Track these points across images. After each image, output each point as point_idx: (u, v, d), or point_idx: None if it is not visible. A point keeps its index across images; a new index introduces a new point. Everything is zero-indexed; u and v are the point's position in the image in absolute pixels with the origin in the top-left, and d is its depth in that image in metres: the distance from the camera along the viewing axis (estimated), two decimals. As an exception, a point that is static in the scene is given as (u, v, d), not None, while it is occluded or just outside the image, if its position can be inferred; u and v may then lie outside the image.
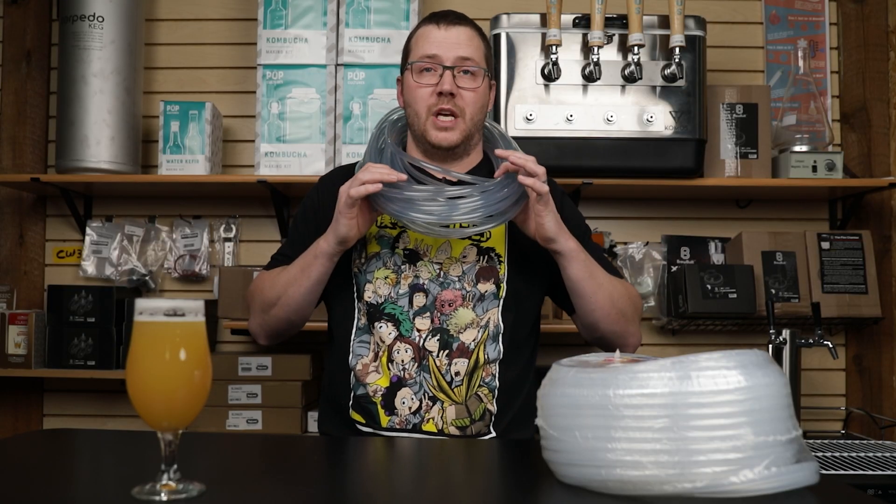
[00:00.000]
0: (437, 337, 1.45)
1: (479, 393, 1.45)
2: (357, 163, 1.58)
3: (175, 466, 0.88)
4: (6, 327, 2.44)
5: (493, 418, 1.46)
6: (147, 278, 2.63)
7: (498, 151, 1.43)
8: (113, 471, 1.08)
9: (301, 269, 1.47)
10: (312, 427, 2.38)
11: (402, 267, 1.49)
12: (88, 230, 2.63)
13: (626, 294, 1.53)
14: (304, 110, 2.42)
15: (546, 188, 1.37)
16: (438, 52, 1.49)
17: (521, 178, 1.36)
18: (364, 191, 1.36)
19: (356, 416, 1.47)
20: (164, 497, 0.85)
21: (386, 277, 1.49)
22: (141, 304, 0.89)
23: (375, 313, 1.48)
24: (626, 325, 1.51)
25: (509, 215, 1.43)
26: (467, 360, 1.45)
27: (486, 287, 1.48)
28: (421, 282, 1.48)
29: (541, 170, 1.38)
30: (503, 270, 1.50)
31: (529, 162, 1.37)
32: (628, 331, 1.52)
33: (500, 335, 1.48)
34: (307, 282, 1.46)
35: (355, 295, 1.52)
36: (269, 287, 1.52)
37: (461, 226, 1.44)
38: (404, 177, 1.38)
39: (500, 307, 1.49)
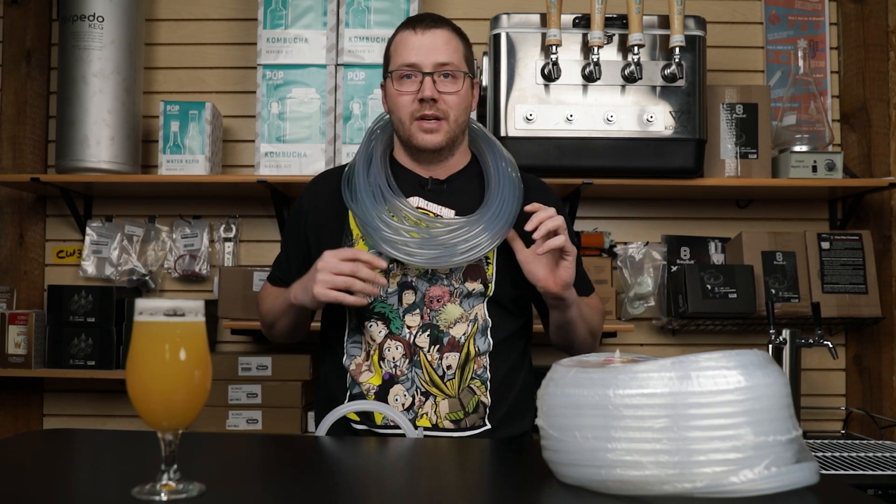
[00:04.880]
0: (428, 332, 1.47)
1: (472, 385, 1.47)
2: (347, 165, 1.59)
3: (175, 466, 0.88)
4: (6, 327, 2.44)
5: (487, 411, 1.47)
6: (147, 278, 2.63)
7: (527, 208, 1.42)
8: (113, 471, 1.08)
9: (282, 309, 1.55)
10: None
11: (391, 266, 1.50)
12: (88, 230, 2.63)
13: (599, 317, 1.63)
14: (304, 110, 2.42)
15: (567, 242, 1.39)
16: (417, 60, 1.50)
17: (547, 245, 1.37)
18: (335, 299, 1.39)
19: (351, 415, 1.48)
20: (164, 497, 0.85)
21: None
22: (141, 304, 0.89)
23: (366, 313, 1.50)
24: (594, 344, 1.62)
25: (501, 238, 1.47)
26: (458, 354, 1.47)
27: (474, 286, 1.50)
28: (409, 279, 1.49)
29: (559, 221, 1.38)
30: (491, 271, 1.52)
31: (549, 221, 1.38)
32: (594, 347, 1.63)
33: (489, 329, 1.50)
34: (288, 321, 1.57)
35: None
36: (267, 310, 1.62)
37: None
38: (384, 265, 1.42)
39: (486, 303, 1.51)
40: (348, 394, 1.49)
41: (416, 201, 1.52)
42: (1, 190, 2.68)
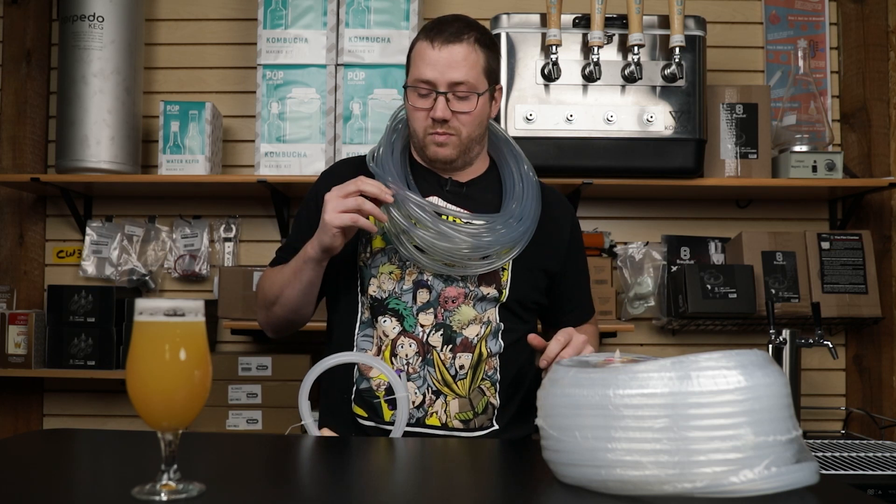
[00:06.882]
0: (441, 332, 1.48)
1: (482, 386, 1.48)
2: (366, 156, 1.58)
3: (175, 466, 0.88)
4: (6, 327, 2.44)
5: (495, 412, 1.49)
6: (147, 278, 2.63)
7: (532, 343, 1.40)
8: (113, 471, 1.08)
9: (293, 272, 1.50)
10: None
11: (407, 262, 1.50)
12: (88, 230, 2.63)
13: (594, 342, 1.66)
14: (304, 110, 2.42)
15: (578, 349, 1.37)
16: (432, 77, 1.48)
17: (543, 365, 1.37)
18: (350, 221, 1.37)
19: (358, 411, 1.48)
20: (164, 497, 0.85)
21: (391, 273, 1.51)
22: (141, 304, 0.89)
23: (379, 308, 1.50)
24: None
25: (519, 249, 1.49)
26: (471, 354, 1.48)
27: (488, 290, 1.51)
28: (425, 278, 1.49)
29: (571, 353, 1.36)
30: (506, 277, 1.52)
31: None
32: None
33: (501, 331, 1.51)
34: (300, 285, 1.50)
35: (359, 289, 1.53)
36: (269, 286, 1.56)
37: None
38: (390, 199, 1.41)
39: (498, 308, 1.52)
40: (355, 388, 1.49)
41: (434, 201, 1.52)
42: (1, 190, 2.68)
